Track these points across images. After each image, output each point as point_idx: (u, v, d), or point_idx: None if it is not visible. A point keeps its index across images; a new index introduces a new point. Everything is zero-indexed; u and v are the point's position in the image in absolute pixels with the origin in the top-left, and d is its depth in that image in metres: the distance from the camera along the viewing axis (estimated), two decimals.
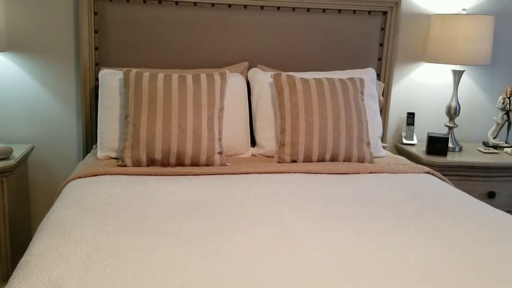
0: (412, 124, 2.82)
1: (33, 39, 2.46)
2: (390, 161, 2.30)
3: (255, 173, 1.98)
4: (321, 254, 1.29)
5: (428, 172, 2.15)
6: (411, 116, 2.82)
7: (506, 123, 2.80)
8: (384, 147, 2.59)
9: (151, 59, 2.49)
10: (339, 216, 1.56)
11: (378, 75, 2.76)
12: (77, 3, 2.42)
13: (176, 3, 2.48)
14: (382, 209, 1.66)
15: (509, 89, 2.77)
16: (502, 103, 2.78)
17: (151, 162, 2.02)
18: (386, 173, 2.09)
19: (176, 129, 2.00)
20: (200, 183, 1.82)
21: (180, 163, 2.03)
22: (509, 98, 2.76)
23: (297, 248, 1.32)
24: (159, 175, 1.91)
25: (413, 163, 2.30)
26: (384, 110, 2.78)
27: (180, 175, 1.93)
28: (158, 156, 2.00)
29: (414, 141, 2.82)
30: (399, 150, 2.84)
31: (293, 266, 1.22)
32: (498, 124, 2.82)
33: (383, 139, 2.78)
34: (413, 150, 2.70)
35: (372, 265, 1.24)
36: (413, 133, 2.83)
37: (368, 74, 2.53)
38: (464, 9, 2.75)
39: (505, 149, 2.74)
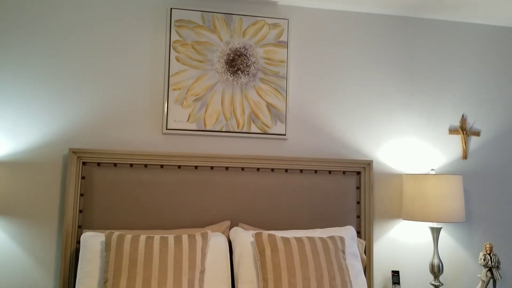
0: (398, 283, 2.78)
1: (19, 203, 2.50)
2: None
3: None
4: None
5: None
6: (396, 274, 2.79)
7: (491, 280, 2.78)
8: None
9: (134, 220, 2.52)
10: None
11: (359, 233, 2.81)
12: (65, 168, 2.54)
13: (161, 166, 2.61)
14: None
15: (488, 246, 2.82)
16: (484, 260, 2.79)
17: None
18: None
19: None
20: None
21: None
22: (489, 254, 2.79)
23: None
24: None
25: None
26: (368, 268, 2.76)
27: None
28: None
29: None
30: None
31: None
32: (483, 281, 2.79)
33: None
34: None
35: None
36: None
37: (348, 232, 2.58)
38: (432, 169, 2.94)
39: None
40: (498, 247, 2.95)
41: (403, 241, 2.92)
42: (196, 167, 2.65)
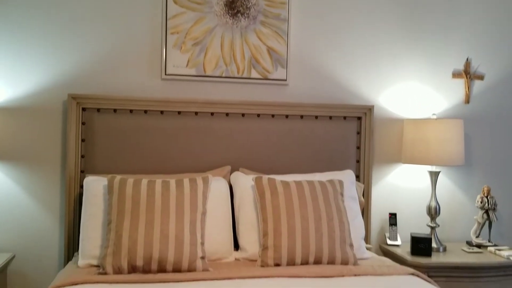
0: (395, 225, 2.84)
1: (21, 149, 2.53)
2: (374, 263, 2.28)
3: (238, 278, 1.94)
4: None
5: (413, 274, 2.13)
6: (393, 216, 2.85)
7: (487, 221, 2.85)
8: (368, 248, 2.58)
9: (136, 165, 2.55)
10: None
11: (358, 177, 2.85)
12: (66, 114, 2.54)
13: (161, 112, 2.61)
14: None
15: (485, 188, 2.86)
16: (481, 202, 2.85)
17: (132, 269, 1.98)
18: (371, 275, 2.06)
19: (158, 234, 2.00)
20: None
21: (161, 269, 1.99)
22: (486, 197, 2.84)
23: None
24: (140, 282, 1.86)
25: (398, 265, 2.28)
26: (365, 211, 2.82)
27: (161, 282, 1.88)
28: (139, 263, 1.97)
29: (398, 242, 2.82)
30: (384, 251, 2.83)
31: None
32: (479, 223, 2.86)
33: (366, 240, 2.78)
34: (397, 251, 2.69)
35: None
36: (396, 233, 2.84)
37: (347, 176, 2.61)
38: (434, 114, 2.93)
39: (488, 248, 2.75)
40: (496, 190, 2.99)
41: (402, 184, 2.96)
42: (196, 113, 2.65)
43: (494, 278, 2.56)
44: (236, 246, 2.38)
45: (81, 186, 2.45)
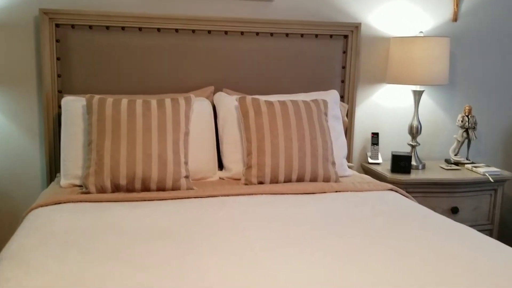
0: (377, 144, 2.89)
1: None
2: (355, 180, 2.34)
3: (222, 195, 1.97)
4: (286, 274, 1.29)
5: (391, 189, 2.19)
6: (375, 136, 2.88)
7: (466, 140, 2.90)
8: (350, 167, 2.63)
9: (114, 85, 2.48)
10: (306, 236, 1.57)
11: (342, 97, 2.83)
12: (38, 30, 2.41)
13: (140, 29, 2.49)
14: (348, 227, 1.68)
15: (467, 108, 2.88)
16: (461, 121, 2.88)
17: (116, 188, 1.99)
18: (351, 191, 2.12)
19: (140, 154, 1.99)
20: (166, 208, 1.81)
21: (145, 188, 2.01)
22: (467, 116, 2.87)
23: (262, 270, 1.31)
24: (124, 201, 1.89)
25: (377, 181, 2.34)
26: (349, 130, 2.84)
27: (145, 200, 1.90)
28: (123, 182, 1.98)
29: (379, 160, 2.88)
30: (365, 169, 2.89)
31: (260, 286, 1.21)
32: (459, 141, 2.91)
33: (349, 159, 2.83)
34: (378, 169, 2.76)
35: (340, 284, 1.24)
36: (378, 152, 2.89)
37: (331, 96, 2.59)
38: (421, 32, 2.87)
39: (466, 165, 2.83)
40: (477, 109, 3.02)
41: (385, 104, 2.96)
42: (176, 30, 2.54)
43: (469, 193, 2.66)
44: (221, 166, 2.40)
45: (59, 106, 2.39)
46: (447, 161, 2.93)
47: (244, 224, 1.65)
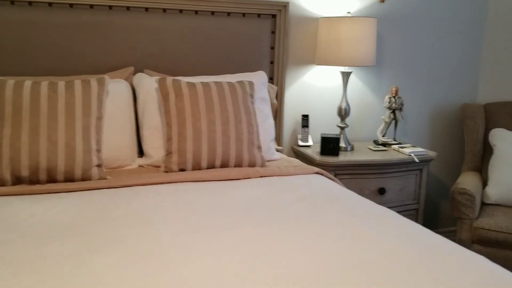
0: (307, 126, 2.85)
1: None
2: (282, 164, 2.28)
3: (138, 185, 1.84)
4: (190, 268, 1.19)
5: (317, 173, 2.15)
6: (305, 118, 2.84)
7: (393, 121, 2.93)
8: (279, 150, 2.57)
9: (19, 66, 2.25)
10: (221, 226, 1.48)
11: (271, 78, 2.76)
12: None
13: (50, 4, 2.27)
14: (268, 213, 1.61)
15: (394, 89, 2.90)
16: (389, 102, 2.90)
17: (18, 180, 1.80)
18: (277, 176, 2.06)
19: (45, 142, 1.80)
20: (73, 201, 1.65)
21: (51, 179, 1.83)
22: (394, 97, 2.89)
23: (166, 265, 1.21)
24: (25, 194, 1.71)
25: (305, 165, 2.30)
26: (278, 113, 2.78)
27: (50, 192, 1.73)
28: (25, 173, 1.79)
29: (310, 143, 2.85)
30: (296, 152, 2.85)
31: (158, 285, 1.11)
32: (386, 122, 2.94)
33: (279, 142, 2.78)
34: (308, 151, 2.72)
35: (246, 275, 1.17)
36: (308, 135, 2.85)
37: (259, 77, 2.50)
38: (349, 12, 2.83)
39: (393, 146, 2.86)
40: (404, 90, 3.06)
41: (316, 86, 2.92)
42: (91, 6, 2.34)
43: (396, 173, 2.69)
44: (142, 153, 2.26)
45: None
46: (375, 142, 2.96)
47: (157, 216, 1.54)
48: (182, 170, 2.05)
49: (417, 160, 2.66)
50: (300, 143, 2.84)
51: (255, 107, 2.33)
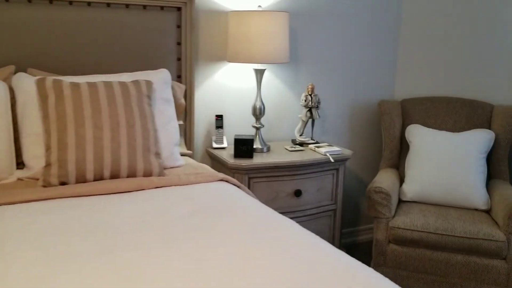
0: (221, 127, 2.67)
1: None
2: (186, 171, 2.08)
3: (5, 204, 1.57)
4: None
5: (222, 179, 1.98)
6: (219, 118, 2.66)
7: (310, 119, 2.82)
8: (187, 155, 2.38)
9: None
10: (94, 251, 1.25)
11: (179, 76, 2.55)
12: None
13: None
14: (152, 233, 1.40)
15: (310, 87, 2.78)
16: (305, 100, 2.78)
17: None
18: (175, 186, 1.86)
19: None
20: None
21: None
22: (310, 95, 2.77)
23: None
24: None
25: (209, 171, 2.11)
26: (188, 114, 2.58)
27: None
28: None
29: (225, 145, 2.67)
30: (210, 155, 2.67)
31: None
32: (303, 121, 2.82)
33: (190, 145, 2.58)
34: (223, 154, 2.55)
35: None
36: (223, 136, 2.68)
37: (161, 76, 2.28)
38: (259, 6, 2.68)
39: (310, 145, 2.74)
40: (320, 87, 2.96)
41: (229, 84, 2.75)
42: None
43: (312, 174, 2.58)
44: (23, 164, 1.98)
45: None
46: (293, 142, 2.83)
47: (13, 245, 1.29)
48: (63, 183, 1.79)
49: (332, 160, 2.56)
50: (215, 145, 2.66)
51: (155, 109, 2.11)
